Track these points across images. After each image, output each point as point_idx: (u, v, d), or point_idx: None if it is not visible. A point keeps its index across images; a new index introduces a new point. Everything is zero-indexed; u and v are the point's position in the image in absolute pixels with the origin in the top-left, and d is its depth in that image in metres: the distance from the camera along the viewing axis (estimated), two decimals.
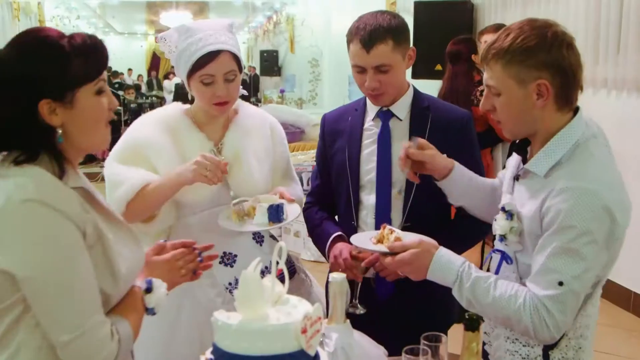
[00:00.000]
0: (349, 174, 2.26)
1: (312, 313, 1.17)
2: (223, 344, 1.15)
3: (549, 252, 1.56)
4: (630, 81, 4.65)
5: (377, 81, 2.12)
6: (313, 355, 1.18)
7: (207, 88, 2.13)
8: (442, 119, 2.23)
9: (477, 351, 1.44)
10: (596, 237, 1.53)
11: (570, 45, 1.62)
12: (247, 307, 1.17)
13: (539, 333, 1.58)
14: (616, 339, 4.30)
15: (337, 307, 1.61)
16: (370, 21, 2.09)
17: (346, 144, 2.29)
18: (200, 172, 1.98)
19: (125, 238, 1.59)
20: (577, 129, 1.65)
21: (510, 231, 1.69)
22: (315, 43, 13.77)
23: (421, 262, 1.70)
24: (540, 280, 1.58)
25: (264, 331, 1.13)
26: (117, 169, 2.13)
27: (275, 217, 2.06)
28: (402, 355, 1.52)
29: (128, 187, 2.07)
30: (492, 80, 1.65)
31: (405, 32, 2.15)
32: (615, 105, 4.90)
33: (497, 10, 6.53)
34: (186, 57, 2.12)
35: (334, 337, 1.58)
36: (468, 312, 1.46)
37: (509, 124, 1.71)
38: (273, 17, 17.15)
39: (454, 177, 1.93)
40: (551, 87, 1.60)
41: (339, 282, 1.60)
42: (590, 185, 1.53)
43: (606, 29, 4.80)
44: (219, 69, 2.11)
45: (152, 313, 1.63)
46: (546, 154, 1.64)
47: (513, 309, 1.59)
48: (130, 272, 1.57)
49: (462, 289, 1.66)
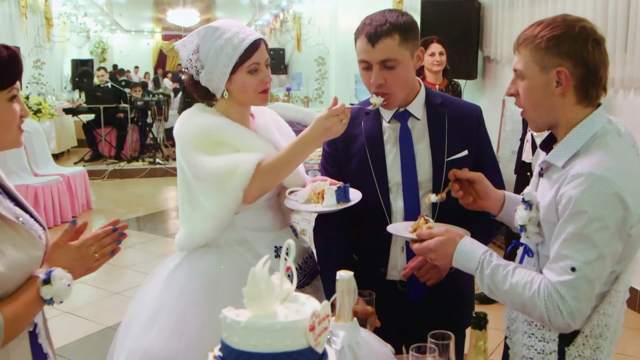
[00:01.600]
0: (376, 179, 2.21)
1: (320, 310, 1.17)
2: (231, 340, 1.16)
3: (562, 238, 1.59)
4: (637, 80, 4.64)
5: (382, 78, 2.09)
6: (321, 352, 1.18)
7: (253, 77, 2.17)
8: (458, 114, 2.23)
9: (484, 349, 1.44)
10: (608, 223, 1.55)
11: (597, 42, 1.66)
12: (255, 304, 1.17)
13: (553, 320, 1.60)
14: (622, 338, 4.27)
15: (344, 305, 1.61)
16: (378, 17, 2.09)
17: (366, 148, 2.23)
18: (339, 123, 2.03)
19: (15, 239, 1.65)
20: (597, 122, 1.68)
21: (530, 221, 1.73)
22: (322, 41, 13.77)
23: (446, 249, 1.78)
24: (554, 267, 1.61)
25: (273, 328, 1.13)
26: (210, 162, 2.10)
27: (344, 197, 2.11)
28: (409, 353, 1.52)
29: (241, 175, 2.07)
30: (519, 64, 1.72)
31: (413, 30, 2.12)
32: (622, 104, 4.90)
33: (505, 9, 6.51)
34: (229, 52, 2.13)
35: (341, 335, 1.58)
36: (476, 311, 1.47)
37: (530, 110, 1.75)
38: (280, 15, 17.15)
39: (507, 207, 1.98)
40: (571, 77, 1.64)
41: (346, 280, 1.60)
42: (602, 172, 1.56)
43: (614, 29, 4.79)
44: (262, 56, 2.19)
45: (50, 303, 1.67)
46: (564, 146, 1.69)
47: (528, 295, 1.62)
48: (14, 271, 1.62)
49: (482, 276, 1.71)
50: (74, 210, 8.01)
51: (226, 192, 2.07)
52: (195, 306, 2.14)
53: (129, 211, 8.61)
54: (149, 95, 13.14)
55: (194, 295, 2.16)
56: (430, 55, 5.26)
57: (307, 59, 15.00)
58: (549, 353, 1.73)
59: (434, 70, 5.31)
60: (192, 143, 2.14)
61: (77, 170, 8.49)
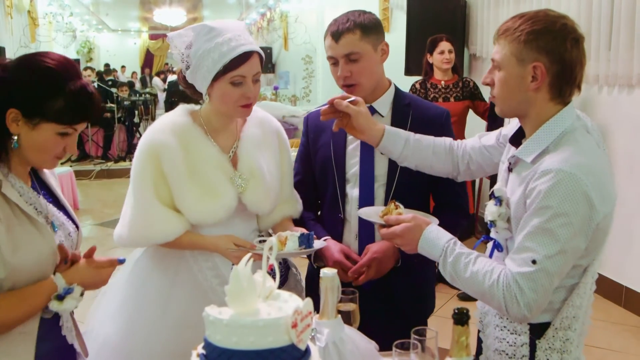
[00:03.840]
0: (335, 168, 2.36)
1: (302, 307, 1.18)
2: (214, 338, 1.16)
3: (527, 231, 1.62)
4: (621, 77, 4.67)
5: (348, 71, 2.22)
6: (304, 349, 1.19)
7: (235, 89, 2.08)
8: (422, 116, 2.32)
9: (466, 345, 1.45)
10: (572, 219, 1.57)
11: (576, 41, 1.67)
12: (238, 302, 1.18)
13: (510, 309, 1.62)
14: (608, 333, 4.33)
15: (328, 303, 1.62)
16: (342, 18, 2.26)
17: (331, 140, 2.37)
18: (238, 258, 2.00)
19: (31, 233, 1.69)
20: (566, 118, 1.70)
21: (499, 217, 1.75)
22: (309, 40, 13.76)
23: (412, 235, 1.80)
24: (516, 258, 1.63)
25: (255, 326, 1.14)
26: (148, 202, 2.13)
27: (306, 243, 2.05)
28: (392, 349, 1.54)
29: (165, 234, 2.13)
30: (497, 55, 1.73)
31: (374, 26, 2.26)
32: (606, 101, 4.93)
33: (490, 6, 6.54)
34: (215, 58, 2.04)
35: (325, 332, 1.59)
36: (457, 307, 1.48)
37: (502, 100, 1.77)
38: (267, 14, 17.13)
39: (385, 144, 2.07)
40: (547, 73, 1.66)
41: (330, 277, 1.61)
42: (571, 169, 1.58)
43: (597, 26, 4.82)
44: (250, 70, 2.09)
45: (50, 315, 1.73)
46: (534, 141, 1.70)
47: (488, 284, 1.65)
48: (24, 263, 1.65)
49: (445, 263, 1.74)
50: None
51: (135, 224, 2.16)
52: (150, 305, 2.19)
53: (116, 211, 8.43)
54: (136, 94, 13.09)
55: (150, 294, 2.21)
56: (440, 53, 5.32)
57: (294, 57, 14.99)
58: (521, 345, 1.75)
59: (443, 68, 5.35)
60: (136, 157, 2.16)
61: (64, 171, 8.43)
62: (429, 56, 5.41)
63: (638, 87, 4.61)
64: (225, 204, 2.14)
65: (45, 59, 1.68)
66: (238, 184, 2.18)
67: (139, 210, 2.13)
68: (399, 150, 2.08)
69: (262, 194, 2.21)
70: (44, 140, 1.69)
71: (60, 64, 1.68)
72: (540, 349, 1.73)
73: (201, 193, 2.12)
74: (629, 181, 4.67)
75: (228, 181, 2.16)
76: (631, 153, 4.67)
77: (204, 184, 2.13)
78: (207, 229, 2.18)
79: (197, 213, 2.13)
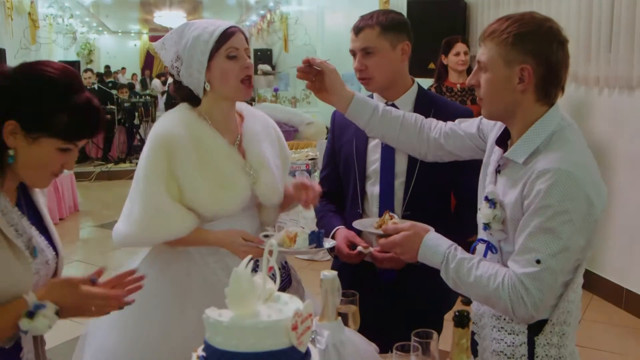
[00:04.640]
0: (356, 165, 2.40)
1: (302, 310, 1.18)
2: (214, 340, 1.16)
3: (528, 231, 1.63)
4: (621, 79, 4.67)
5: (363, 64, 2.31)
6: (304, 351, 1.19)
7: (233, 63, 2.12)
8: (445, 115, 2.27)
9: (467, 347, 1.45)
10: (572, 217, 1.59)
11: (561, 44, 1.69)
12: (238, 304, 1.17)
13: (517, 310, 1.63)
14: (609, 335, 4.32)
15: (328, 305, 1.62)
16: (368, 14, 2.33)
17: (353, 137, 2.42)
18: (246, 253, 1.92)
19: (7, 257, 1.57)
20: (554, 118, 1.72)
21: (494, 219, 1.75)
22: (309, 42, 13.76)
23: (412, 244, 1.81)
24: (519, 259, 1.64)
25: (255, 328, 1.14)
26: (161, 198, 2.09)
27: (316, 241, 2.05)
28: (393, 351, 1.53)
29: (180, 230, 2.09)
30: (483, 56, 1.74)
31: (396, 25, 2.31)
32: (607, 102, 4.93)
33: (490, 9, 6.54)
34: (205, 38, 2.09)
35: (325, 334, 1.59)
36: (457, 309, 1.48)
37: (488, 102, 1.77)
38: (267, 16, 17.12)
39: (352, 110, 2.11)
40: (533, 75, 1.67)
41: (330, 279, 1.61)
42: (568, 168, 1.59)
43: (598, 28, 4.83)
44: (240, 42, 2.14)
45: (23, 333, 1.56)
46: (524, 142, 1.71)
47: (493, 287, 1.65)
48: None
49: (448, 269, 1.74)
50: (61, 212, 7.95)
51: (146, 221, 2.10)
52: (160, 311, 2.12)
53: (116, 213, 8.41)
54: (136, 96, 13.09)
55: (160, 300, 2.13)
56: (455, 55, 5.28)
57: (295, 59, 14.98)
58: (519, 345, 1.75)
59: (459, 70, 5.29)
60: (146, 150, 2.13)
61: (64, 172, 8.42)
62: (444, 58, 5.35)
63: (638, 89, 4.60)
64: (240, 194, 2.14)
65: (48, 68, 1.60)
66: (250, 174, 2.18)
67: (150, 207, 2.09)
68: (366, 118, 2.11)
69: (272, 184, 2.23)
70: (42, 156, 1.59)
71: (63, 75, 1.60)
72: (539, 346, 1.74)
73: (215, 185, 2.11)
74: (629, 184, 4.66)
75: (240, 171, 2.17)
76: (632, 155, 4.67)
77: (217, 176, 2.12)
78: (214, 224, 2.16)
79: (212, 205, 2.11)
